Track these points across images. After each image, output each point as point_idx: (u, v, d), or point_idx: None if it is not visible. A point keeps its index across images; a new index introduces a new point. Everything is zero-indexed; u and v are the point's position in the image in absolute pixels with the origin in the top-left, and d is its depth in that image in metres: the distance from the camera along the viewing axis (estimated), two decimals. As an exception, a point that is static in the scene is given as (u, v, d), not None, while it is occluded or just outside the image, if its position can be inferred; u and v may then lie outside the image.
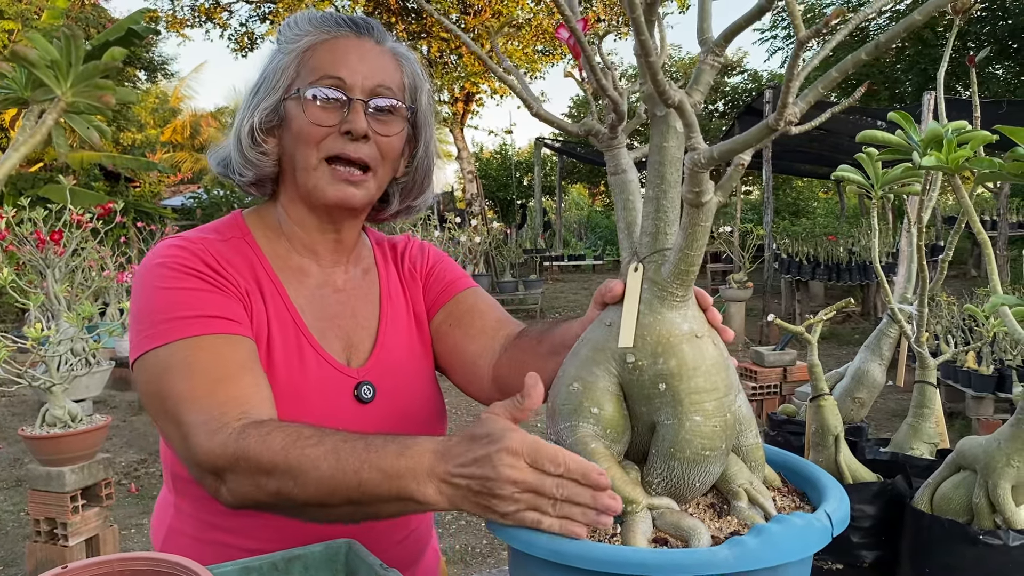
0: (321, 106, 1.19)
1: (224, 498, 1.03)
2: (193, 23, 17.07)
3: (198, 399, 1.06)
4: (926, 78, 16.12)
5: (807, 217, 22.82)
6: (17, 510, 4.65)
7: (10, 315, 9.72)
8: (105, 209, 5.65)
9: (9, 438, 6.00)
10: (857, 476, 1.23)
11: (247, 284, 1.21)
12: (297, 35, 1.23)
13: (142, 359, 1.12)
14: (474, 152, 24.87)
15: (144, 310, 1.15)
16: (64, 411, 3.59)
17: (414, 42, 16.53)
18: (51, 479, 3.53)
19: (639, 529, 0.80)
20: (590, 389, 0.86)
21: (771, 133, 0.66)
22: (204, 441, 1.02)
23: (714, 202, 0.74)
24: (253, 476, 0.98)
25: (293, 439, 0.96)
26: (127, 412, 6.82)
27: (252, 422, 1.02)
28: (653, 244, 0.83)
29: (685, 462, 0.82)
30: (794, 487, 0.98)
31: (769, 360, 6.41)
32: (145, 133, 26.51)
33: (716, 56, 0.74)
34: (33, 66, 0.52)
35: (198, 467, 1.04)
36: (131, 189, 20.01)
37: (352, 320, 1.32)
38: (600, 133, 0.91)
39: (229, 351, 1.12)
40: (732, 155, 0.70)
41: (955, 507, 1.08)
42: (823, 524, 0.82)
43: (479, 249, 11.61)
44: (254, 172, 1.25)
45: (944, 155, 1.08)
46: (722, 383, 0.83)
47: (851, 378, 1.48)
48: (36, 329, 3.42)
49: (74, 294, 5.55)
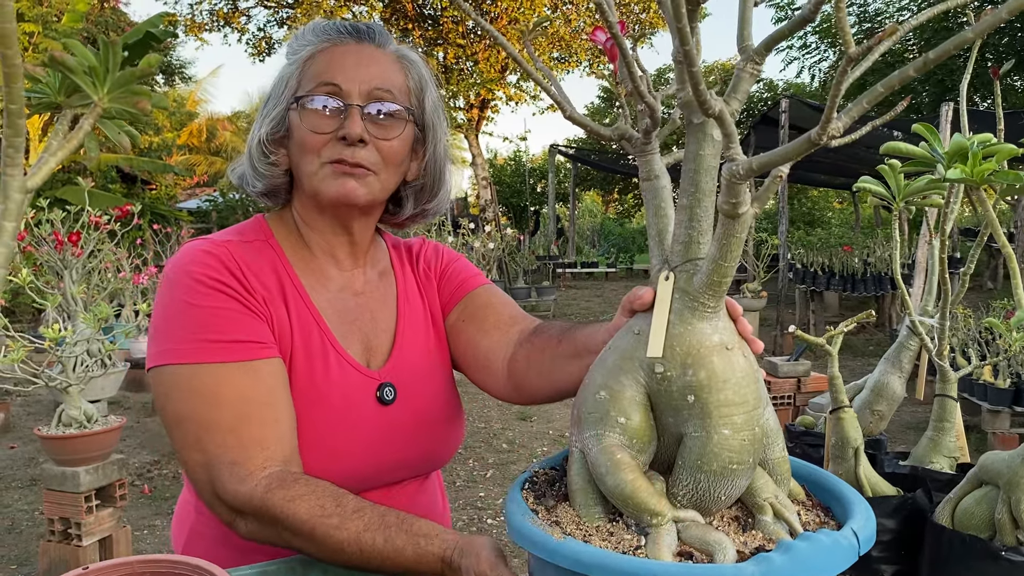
0: (318, 114, 1.20)
1: (239, 530, 1.11)
2: (212, 27, 17.19)
3: (223, 433, 1.11)
4: (943, 88, 16.04)
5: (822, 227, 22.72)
6: (31, 509, 4.67)
7: (27, 315, 9.79)
8: (123, 211, 5.68)
9: (24, 437, 6.04)
10: (877, 490, 1.22)
11: (270, 291, 1.22)
12: (302, 45, 1.24)
13: (162, 370, 1.14)
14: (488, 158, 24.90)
15: (170, 321, 1.16)
16: (80, 412, 3.61)
17: (430, 48, 16.58)
18: (66, 479, 3.54)
19: (664, 542, 0.79)
20: (617, 398, 0.85)
21: (812, 147, 0.66)
22: (229, 483, 1.09)
23: (750, 213, 0.74)
24: (275, 528, 1.08)
25: (317, 514, 1.07)
26: (141, 413, 6.85)
27: (276, 478, 1.09)
28: (685, 253, 0.83)
29: (712, 475, 0.82)
30: (819, 501, 0.97)
31: (783, 370, 6.38)
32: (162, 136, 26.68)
33: (756, 64, 0.74)
34: (72, 72, 0.53)
35: (220, 503, 1.11)
36: (147, 191, 20.14)
37: (371, 323, 1.33)
38: (634, 138, 0.90)
39: (256, 382, 1.15)
40: (771, 167, 0.69)
41: (977, 522, 1.08)
42: (850, 542, 0.81)
43: (492, 255, 11.61)
44: (264, 183, 1.27)
45: (970, 168, 1.08)
46: (752, 396, 0.83)
47: (870, 391, 1.47)
48: (53, 330, 3.45)
49: (90, 295, 5.58)
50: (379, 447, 1.26)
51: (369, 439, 1.25)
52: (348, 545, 1.05)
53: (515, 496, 0.92)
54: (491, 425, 6.51)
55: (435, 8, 16.20)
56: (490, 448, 5.90)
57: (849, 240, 13.20)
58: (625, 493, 0.81)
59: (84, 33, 16.36)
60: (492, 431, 6.36)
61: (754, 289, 9.75)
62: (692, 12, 0.70)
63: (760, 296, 9.72)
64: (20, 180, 0.50)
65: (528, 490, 0.95)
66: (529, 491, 0.95)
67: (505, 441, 6.11)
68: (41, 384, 3.55)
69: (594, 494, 0.86)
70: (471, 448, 5.89)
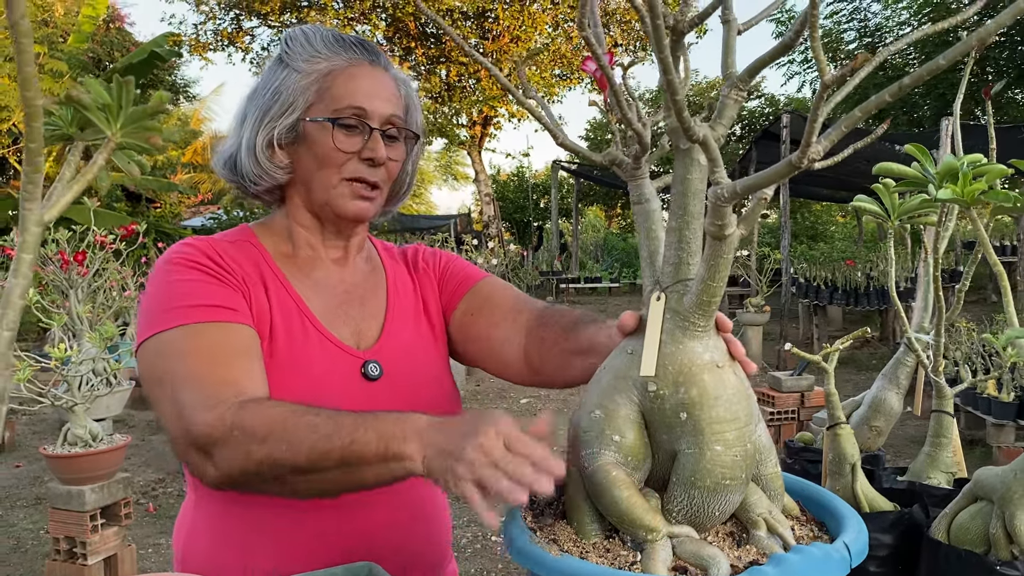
0: (346, 135, 1.26)
1: (208, 474, 1.06)
2: (216, 47, 17.31)
3: (195, 378, 1.10)
4: (944, 103, 16.08)
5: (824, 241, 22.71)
6: (37, 528, 4.68)
7: (32, 334, 9.81)
8: (128, 231, 5.72)
9: (30, 456, 6.05)
10: (874, 505, 1.24)
11: (249, 276, 1.26)
12: (313, 56, 1.27)
13: (143, 346, 1.17)
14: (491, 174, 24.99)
15: (148, 303, 1.21)
16: (85, 430, 3.63)
17: (433, 66, 16.69)
18: (71, 498, 3.56)
19: (659, 557, 0.81)
20: (612, 417, 0.87)
21: (794, 170, 0.68)
22: (199, 414, 1.06)
23: (736, 235, 0.76)
24: (245, 445, 1.02)
25: (292, 409, 1.03)
26: (146, 431, 6.87)
27: (250, 399, 1.07)
28: (675, 274, 0.85)
29: (705, 491, 0.84)
30: (813, 516, 0.98)
31: (786, 385, 6.38)
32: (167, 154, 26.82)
33: (740, 91, 0.77)
34: (87, 109, 0.55)
35: (189, 441, 1.07)
36: (152, 210, 20.23)
37: (360, 309, 1.37)
38: (624, 163, 0.93)
39: (226, 337, 1.16)
40: (755, 190, 0.72)
41: (972, 537, 1.09)
42: (841, 555, 0.83)
43: (496, 271, 11.66)
44: (268, 182, 1.31)
45: (960, 188, 1.10)
46: (743, 413, 0.85)
47: (868, 406, 1.49)
48: (59, 349, 3.47)
49: (96, 314, 5.61)
50: None
51: None
52: (323, 423, 0.99)
53: (514, 514, 0.94)
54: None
55: (437, 27, 16.32)
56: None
57: (852, 254, 13.21)
58: (621, 510, 0.83)
59: (90, 53, 16.50)
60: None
61: (757, 304, 9.76)
62: (675, 43, 0.73)
63: (763, 311, 9.72)
64: (38, 214, 0.52)
65: (527, 508, 0.97)
66: (528, 509, 0.97)
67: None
68: (47, 403, 3.57)
69: (591, 511, 0.87)
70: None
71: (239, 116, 1.33)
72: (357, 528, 1.26)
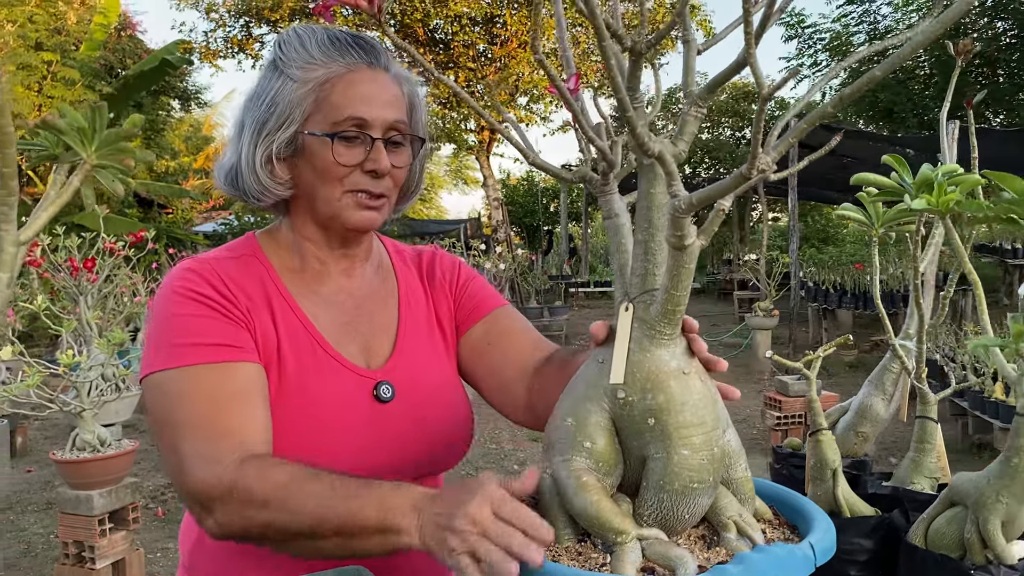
0: (348, 147, 1.22)
1: (210, 528, 1.08)
2: (226, 54, 17.43)
3: (195, 428, 1.11)
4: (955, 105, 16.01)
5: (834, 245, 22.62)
6: (47, 533, 4.73)
7: (44, 340, 9.90)
8: (137, 237, 5.78)
9: (41, 461, 6.11)
10: (855, 510, 1.26)
11: (253, 301, 1.24)
12: (308, 63, 1.22)
13: (147, 380, 1.18)
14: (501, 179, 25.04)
15: (152, 333, 1.21)
16: (94, 436, 3.67)
17: (441, 72, 16.70)
18: (80, 502, 3.60)
19: (628, 559, 0.83)
20: (583, 424, 0.90)
21: (744, 181, 0.71)
22: (199, 470, 1.07)
23: (696, 245, 0.79)
24: (245, 507, 1.04)
25: (293, 474, 1.03)
26: (156, 436, 6.92)
27: (250, 456, 1.08)
28: (642, 284, 0.88)
29: (674, 494, 0.86)
30: (786, 520, 1.00)
31: (794, 390, 6.36)
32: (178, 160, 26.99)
33: (699, 107, 0.79)
34: (62, 133, 0.58)
35: (189, 496, 1.09)
36: (164, 215, 20.37)
37: (370, 323, 1.35)
38: (593, 180, 0.95)
39: (228, 380, 1.16)
40: (710, 201, 0.74)
41: (948, 542, 1.11)
42: (804, 554, 0.85)
43: (504, 275, 11.67)
44: (270, 198, 1.28)
45: (935, 198, 1.12)
46: (709, 418, 0.87)
47: (854, 413, 1.51)
48: (67, 355, 3.52)
49: (106, 320, 5.67)
50: (376, 447, 1.25)
51: (365, 437, 1.25)
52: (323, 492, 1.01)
53: None
54: (502, 446, 6.53)
55: (445, 33, 16.38)
56: (501, 469, 5.92)
57: (861, 258, 13.16)
58: (590, 513, 0.85)
59: (102, 60, 16.64)
60: (503, 452, 6.38)
61: (766, 307, 9.74)
62: (634, 63, 0.75)
63: (772, 315, 9.71)
64: (14, 235, 0.55)
65: None
66: None
67: (516, 462, 6.14)
68: (56, 409, 3.61)
69: (564, 516, 0.90)
70: (482, 469, 5.91)
71: (237, 125, 1.29)
72: None
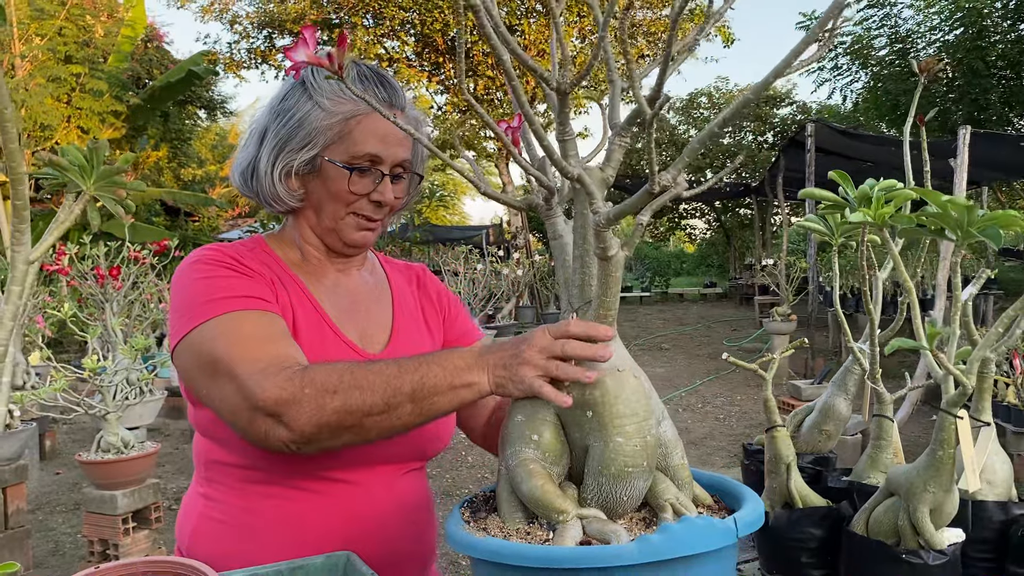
0: (360, 178, 1.37)
1: (279, 436, 1.13)
2: (249, 65, 17.71)
3: (250, 354, 1.18)
4: (976, 107, 15.93)
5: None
6: (74, 532, 4.89)
7: (73, 345, 10.16)
8: (161, 246, 5.96)
9: (69, 463, 6.30)
10: (807, 501, 1.35)
11: (268, 278, 1.37)
12: (339, 96, 1.35)
13: (185, 339, 1.26)
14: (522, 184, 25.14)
15: (183, 301, 1.30)
16: (117, 438, 3.83)
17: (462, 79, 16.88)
18: (104, 502, 3.76)
19: (568, 535, 0.93)
20: (531, 419, 1.01)
21: (652, 198, 0.81)
22: (265, 381, 1.13)
23: (621, 256, 0.89)
24: (318, 399, 1.11)
25: (355, 363, 1.16)
26: (180, 440, 7.10)
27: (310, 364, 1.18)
28: (581, 294, 0.99)
29: (612, 478, 0.96)
30: (726, 505, 1.10)
31: (806, 393, 6.42)
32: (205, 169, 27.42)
33: (622, 137, 0.89)
34: (64, 170, 0.70)
35: (256, 408, 1.13)
36: (190, 223, 20.72)
37: (366, 315, 1.47)
38: (539, 205, 1.06)
39: (269, 321, 1.27)
40: (624, 216, 0.85)
41: (885, 529, 1.19)
42: (725, 525, 0.93)
43: (522, 282, 11.78)
44: (281, 205, 1.42)
45: (873, 211, 1.21)
46: (641, 409, 0.97)
47: (819, 412, 1.60)
48: (92, 360, 3.67)
49: (131, 326, 5.84)
50: None
51: None
52: (388, 367, 1.12)
53: (454, 512, 1.08)
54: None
55: (465, 42, 16.54)
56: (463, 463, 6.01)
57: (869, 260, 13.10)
58: (536, 496, 0.96)
59: (129, 72, 16.99)
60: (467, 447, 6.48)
61: (783, 312, 9.77)
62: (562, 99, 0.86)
63: (789, 319, 9.73)
64: (25, 254, 0.67)
65: (466, 508, 1.11)
66: (467, 508, 1.11)
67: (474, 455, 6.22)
68: (81, 412, 3.77)
69: (515, 502, 1.00)
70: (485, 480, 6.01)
71: (259, 130, 1.40)
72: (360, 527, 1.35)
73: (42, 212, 12.63)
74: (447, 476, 5.93)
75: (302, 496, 1.33)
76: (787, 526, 1.33)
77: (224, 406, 1.20)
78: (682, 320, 16.95)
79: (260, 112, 1.43)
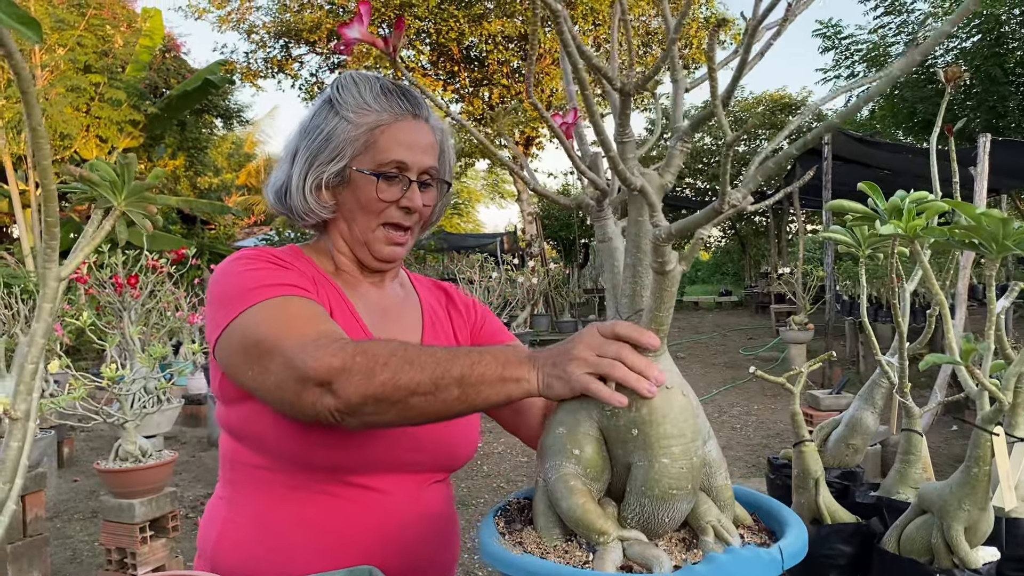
0: (388, 185, 1.40)
1: (326, 404, 1.12)
2: (266, 74, 17.81)
3: (298, 329, 1.19)
4: (995, 115, 15.80)
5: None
6: (92, 540, 4.91)
7: (91, 353, 10.21)
8: (178, 255, 5.99)
9: (87, 471, 6.32)
10: (836, 517, 1.32)
11: (311, 274, 1.40)
12: (363, 108, 1.40)
13: (228, 328, 1.26)
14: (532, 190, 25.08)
15: (225, 293, 1.31)
16: (135, 446, 3.83)
17: (476, 89, 16.97)
18: (122, 510, 3.76)
19: (608, 558, 0.92)
20: (573, 433, 0.99)
21: (717, 215, 0.79)
22: (316, 352, 1.12)
23: (678, 270, 0.88)
24: (369, 368, 1.10)
25: (407, 342, 1.15)
26: (196, 448, 7.11)
27: (360, 340, 1.18)
28: (631, 304, 0.97)
29: (655, 500, 0.94)
30: (766, 526, 1.07)
31: (825, 404, 6.35)
32: (221, 177, 27.60)
33: (685, 143, 0.88)
34: (96, 185, 0.69)
35: (306, 378, 1.12)
36: (206, 231, 20.83)
37: (397, 324, 1.49)
38: (589, 206, 1.05)
39: (309, 306, 1.28)
40: (687, 232, 0.83)
41: (918, 547, 1.17)
42: (771, 556, 0.92)
43: (537, 289, 11.76)
44: (313, 218, 1.45)
45: (904, 223, 1.19)
46: (689, 429, 0.95)
47: (845, 426, 1.57)
48: (111, 369, 3.68)
49: (149, 334, 5.87)
50: (401, 436, 1.34)
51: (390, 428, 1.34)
52: (440, 348, 1.13)
53: (488, 522, 1.06)
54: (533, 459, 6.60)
55: (480, 51, 16.59)
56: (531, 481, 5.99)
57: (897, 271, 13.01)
58: (576, 515, 0.94)
59: (147, 81, 17.13)
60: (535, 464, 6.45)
61: (800, 321, 9.71)
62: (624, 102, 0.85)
63: (807, 328, 9.67)
64: (56, 271, 0.66)
65: (500, 516, 1.09)
66: (501, 517, 1.08)
67: (511, 467, 6.21)
68: (99, 420, 3.78)
69: (553, 518, 0.98)
70: (501, 489, 5.99)
71: (291, 150, 1.45)
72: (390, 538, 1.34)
73: (60, 220, 12.72)
74: (462, 485, 5.91)
75: (327, 501, 1.33)
76: (816, 543, 1.31)
77: (270, 383, 1.18)
78: (697, 328, 16.87)
79: (291, 135, 1.48)
